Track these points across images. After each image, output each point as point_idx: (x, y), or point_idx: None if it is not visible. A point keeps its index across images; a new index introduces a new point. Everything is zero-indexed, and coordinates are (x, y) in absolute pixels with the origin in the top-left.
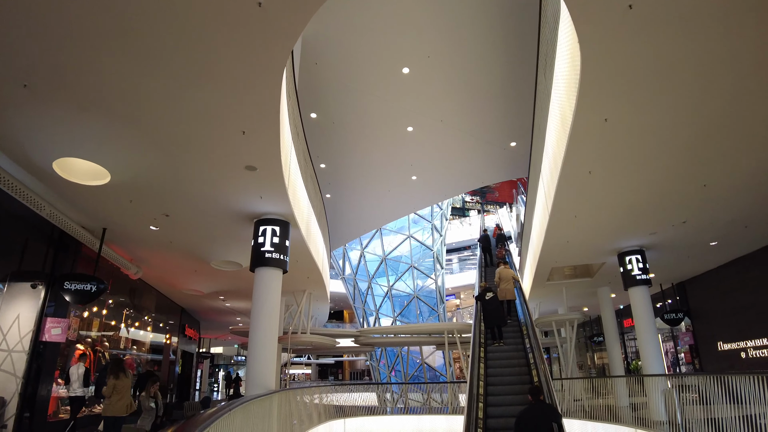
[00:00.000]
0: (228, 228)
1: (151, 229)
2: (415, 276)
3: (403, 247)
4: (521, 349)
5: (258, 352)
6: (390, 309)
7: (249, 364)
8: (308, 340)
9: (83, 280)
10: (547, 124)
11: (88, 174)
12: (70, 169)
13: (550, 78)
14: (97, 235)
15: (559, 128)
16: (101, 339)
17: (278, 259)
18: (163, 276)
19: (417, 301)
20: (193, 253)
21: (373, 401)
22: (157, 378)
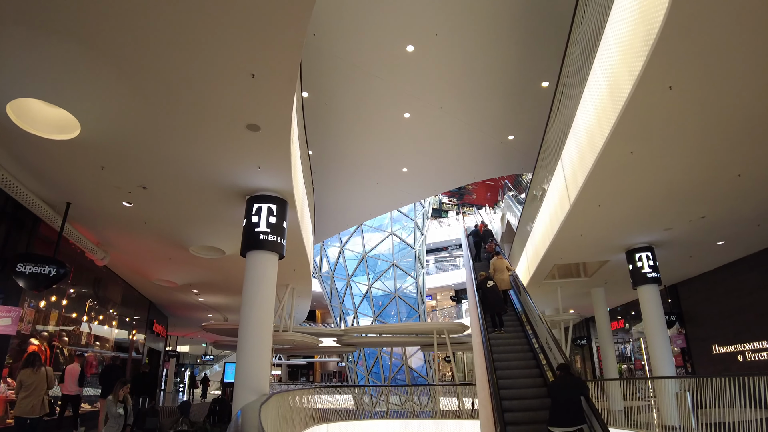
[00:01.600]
0: (214, 206)
1: (124, 206)
2: (396, 275)
3: (383, 246)
4: (522, 336)
5: (250, 350)
6: (367, 309)
7: (239, 364)
8: (291, 338)
9: (40, 263)
10: (580, 100)
11: (52, 124)
12: (30, 115)
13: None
14: (60, 211)
15: (605, 100)
16: (59, 334)
17: (274, 242)
18: (133, 263)
19: (397, 300)
20: (170, 236)
21: (349, 403)
22: (126, 379)
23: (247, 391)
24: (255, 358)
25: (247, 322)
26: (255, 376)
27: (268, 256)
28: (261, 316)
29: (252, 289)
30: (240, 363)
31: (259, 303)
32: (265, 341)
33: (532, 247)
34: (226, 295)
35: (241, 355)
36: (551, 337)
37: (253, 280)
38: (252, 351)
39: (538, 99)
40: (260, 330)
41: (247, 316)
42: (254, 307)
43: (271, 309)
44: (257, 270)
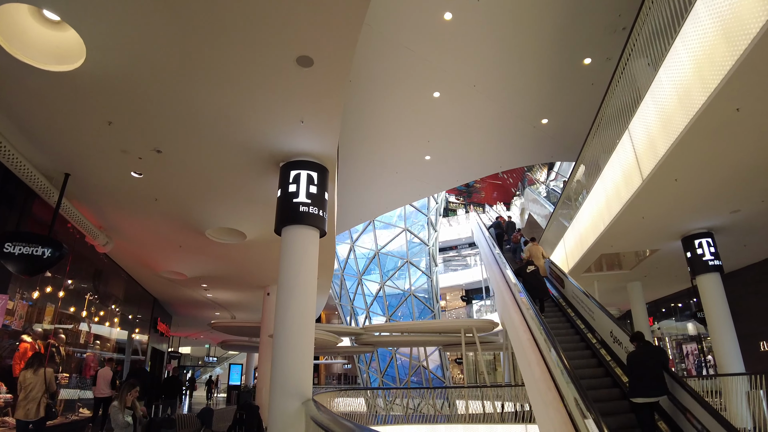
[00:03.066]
0: (240, 175)
1: (133, 177)
2: (411, 273)
3: (395, 243)
4: (565, 320)
5: (289, 346)
6: (377, 308)
7: (276, 364)
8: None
9: (32, 242)
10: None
11: (50, 50)
12: (22, 37)
13: None
14: (57, 184)
15: (713, 46)
16: (56, 331)
17: (316, 216)
18: (139, 253)
19: (412, 299)
20: (184, 216)
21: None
22: (134, 382)
23: (286, 396)
24: (296, 356)
25: (285, 313)
26: (296, 378)
27: (308, 232)
28: (302, 305)
29: (290, 272)
30: (277, 363)
31: (300, 289)
32: (307, 336)
33: (573, 237)
34: (238, 290)
35: (279, 353)
36: (607, 314)
37: (292, 260)
38: (292, 348)
39: (579, 77)
40: (301, 322)
41: (285, 306)
42: (294, 294)
43: (313, 296)
44: (296, 249)
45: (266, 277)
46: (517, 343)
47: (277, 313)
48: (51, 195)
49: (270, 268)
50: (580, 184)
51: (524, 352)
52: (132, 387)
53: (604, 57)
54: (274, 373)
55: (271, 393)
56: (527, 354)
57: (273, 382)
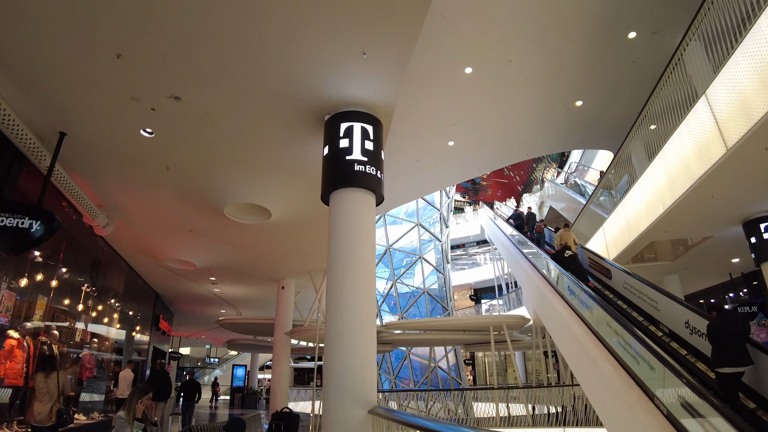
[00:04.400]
0: (273, 135)
1: (142, 136)
2: (424, 269)
3: (405, 239)
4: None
5: (347, 341)
6: (386, 306)
7: (330, 363)
8: None
9: (17, 212)
10: None
11: None
12: None
13: None
14: (50, 146)
15: None
16: (47, 327)
17: (373, 177)
18: (143, 238)
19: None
20: (199, 189)
21: None
22: (146, 387)
23: (348, 403)
24: (358, 353)
25: (339, 300)
26: (358, 380)
27: (364, 196)
28: (361, 289)
29: (344, 247)
30: (333, 362)
31: (357, 269)
32: (369, 327)
33: (617, 225)
34: (250, 284)
35: (335, 350)
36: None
37: (345, 232)
38: (352, 343)
39: (620, 54)
40: (361, 310)
41: (338, 290)
42: (349, 275)
43: (372, 277)
44: (350, 217)
45: (282, 269)
46: (566, 340)
47: (330, 300)
48: (42, 158)
49: (291, 257)
50: (631, 167)
51: (582, 348)
52: (143, 394)
53: (650, 31)
54: (329, 375)
55: (326, 399)
56: (588, 350)
57: (328, 387)
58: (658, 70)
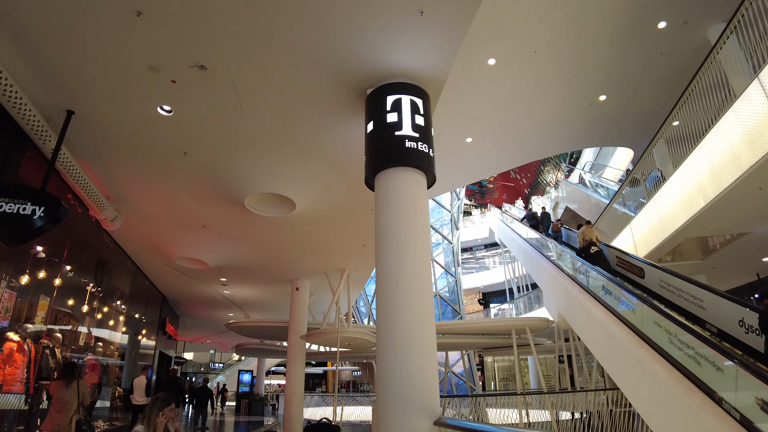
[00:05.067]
0: (306, 112)
1: (159, 115)
2: (435, 272)
3: None
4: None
5: (405, 342)
6: None
7: (384, 367)
8: (352, 335)
9: (18, 197)
10: None
11: None
12: None
13: None
14: (56, 126)
15: None
16: (49, 329)
17: (426, 155)
18: (152, 234)
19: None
20: (219, 177)
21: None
22: (170, 397)
23: (409, 412)
24: (418, 356)
25: (394, 295)
26: (420, 386)
27: (416, 177)
28: (418, 282)
29: (396, 233)
30: (388, 367)
31: (413, 259)
32: (428, 326)
33: (647, 223)
34: (262, 285)
35: (390, 353)
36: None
37: (397, 217)
38: (411, 344)
39: (648, 45)
40: (419, 306)
41: (392, 284)
42: (404, 266)
43: (429, 269)
44: (404, 200)
45: (297, 269)
46: (602, 342)
47: (383, 296)
48: (47, 139)
49: (308, 256)
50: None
51: (624, 349)
52: (165, 405)
53: (681, 21)
54: (386, 382)
55: (384, 409)
56: (632, 351)
57: (385, 395)
58: (687, 62)
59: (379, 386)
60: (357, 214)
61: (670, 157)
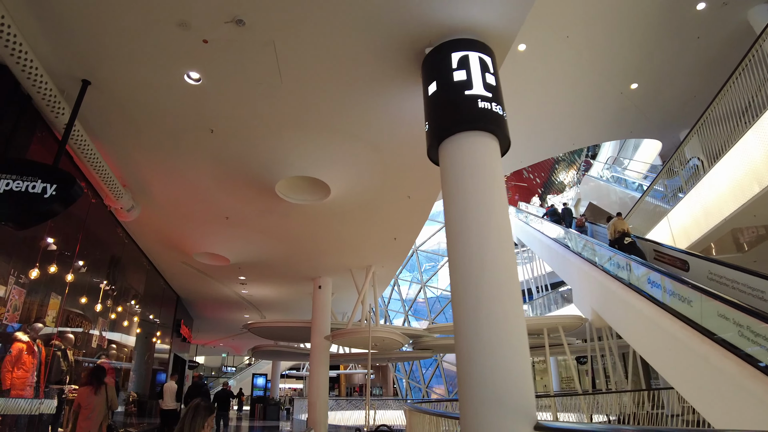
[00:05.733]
0: (351, 79)
1: (186, 83)
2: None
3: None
4: None
5: (495, 333)
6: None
7: (466, 364)
8: (381, 335)
9: (26, 173)
10: None
11: None
12: None
13: None
14: (70, 97)
15: None
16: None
17: (501, 118)
18: (171, 226)
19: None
20: (248, 158)
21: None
22: (211, 407)
23: (506, 415)
24: (509, 350)
25: (478, 281)
26: (515, 387)
27: (491, 144)
28: (502, 266)
29: (476, 210)
30: (476, 364)
31: (497, 240)
32: (518, 316)
33: (687, 214)
34: (283, 283)
35: (477, 347)
36: None
37: (474, 190)
38: (501, 336)
39: (684, 29)
40: (507, 292)
41: (474, 269)
42: (488, 249)
43: (512, 250)
44: (481, 169)
45: (320, 266)
46: (651, 338)
47: (462, 283)
48: (60, 112)
49: (335, 250)
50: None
51: (681, 345)
52: (209, 413)
53: (721, 2)
54: (476, 382)
55: (475, 415)
56: (692, 347)
57: (475, 396)
58: (724, 46)
59: (467, 388)
60: (391, 204)
61: (714, 143)
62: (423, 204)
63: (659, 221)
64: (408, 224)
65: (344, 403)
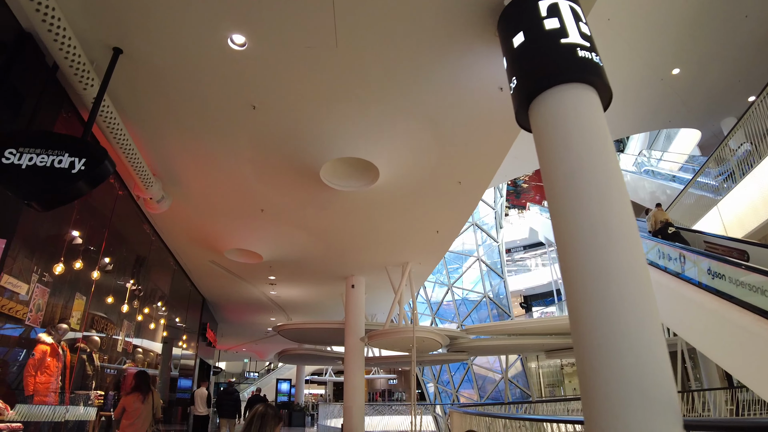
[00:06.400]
0: (413, 45)
1: (229, 49)
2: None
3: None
4: None
5: (629, 319)
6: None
7: (605, 357)
8: (422, 335)
9: (52, 147)
10: None
11: None
12: None
13: None
14: (100, 70)
15: None
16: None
17: (601, 69)
18: (202, 221)
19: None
20: (289, 139)
21: None
22: (280, 415)
23: (651, 413)
24: (645, 339)
25: (603, 259)
26: (659, 380)
27: (593, 99)
28: (627, 243)
29: (590, 179)
30: (603, 355)
31: (618, 212)
32: (648, 292)
33: (741, 203)
34: (313, 283)
35: (600, 334)
36: None
37: (581, 153)
38: (636, 318)
39: (731, 9)
40: (637, 273)
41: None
42: (610, 222)
43: (634, 222)
44: (587, 124)
45: (355, 264)
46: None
47: (580, 265)
48: (88, 83)
49: (371, 246)
50: None
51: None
52: (278, 422)
53: None
54: (608, 377)
55: (609, 415)
56: None
57: (609, 393)
58: None
59: (600, 386)
60: (440, 191)
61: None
62: (473, 191)
63: (705, 212)
64: (454, 215)
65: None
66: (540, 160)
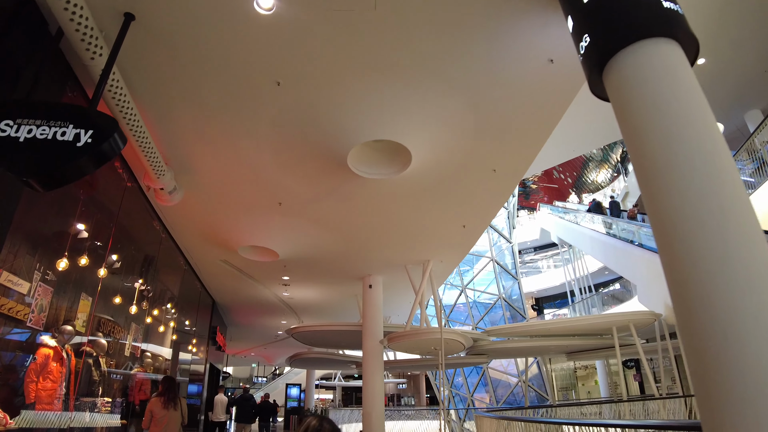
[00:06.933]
0: (454, 13)
1: (254, 12)
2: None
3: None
4: None
5: (757, 291)
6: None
7: (719, 348)
8: (449, 336)
9: (53, 117)
10: None
11: None
12: None
13: None
14: (109, 38)
15: None
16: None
17: (685, 21)
18: (215, 215)
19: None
20: (316, 119)
21: None
22: (338, 429)
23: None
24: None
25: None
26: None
27: (680, 53)
28: (740, 202)
29: (686, 140)
30: (731, 348)
31: (729, 182)
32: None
33: None
34: (329, 283)
35: (722, 325)
36: None
37: (677, 112)
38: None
39: None
40: (757, 237)
41: (703, 214)
42: (719, 183)
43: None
44: (681, 84)
45: (373, 262)
46: None
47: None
48: (95, 53)
49: (392, 243)
50: None
51: None
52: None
53: None
54: (739, 375)
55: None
56: None
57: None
58: None
59: (724, 387)
60: (472, 179)
61: None
62: (508, 180)
63: None
64: (484, 207)
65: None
66: (623, 130)
